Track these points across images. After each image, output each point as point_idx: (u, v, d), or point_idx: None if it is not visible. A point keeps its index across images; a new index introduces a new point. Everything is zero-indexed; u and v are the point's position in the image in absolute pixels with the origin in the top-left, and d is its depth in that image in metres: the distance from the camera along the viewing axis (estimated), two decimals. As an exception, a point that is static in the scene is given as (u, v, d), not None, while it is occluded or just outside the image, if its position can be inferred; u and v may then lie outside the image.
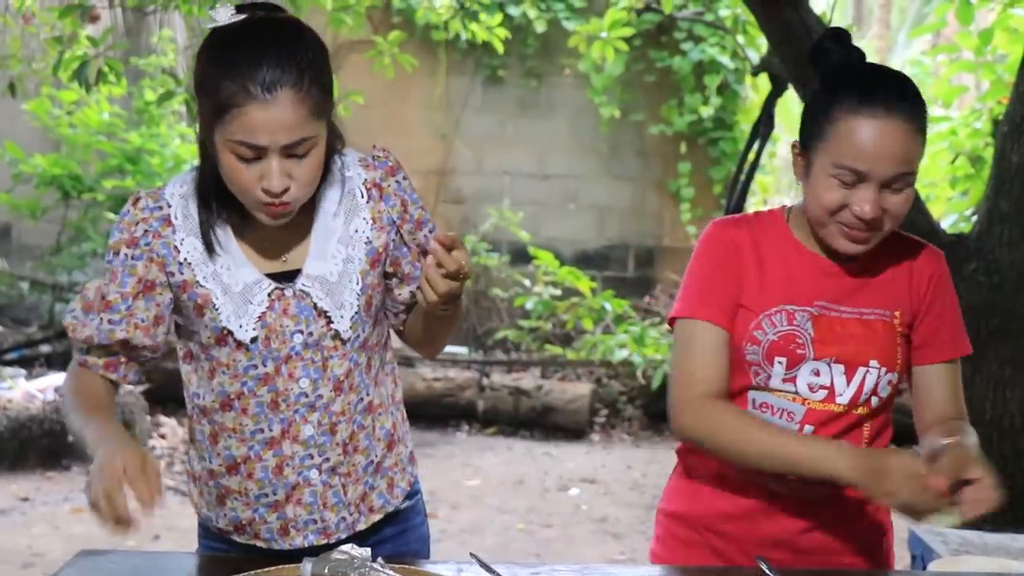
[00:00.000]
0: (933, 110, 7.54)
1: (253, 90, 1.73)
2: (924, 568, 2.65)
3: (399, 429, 2.07)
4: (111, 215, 7.79)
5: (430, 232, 2.00)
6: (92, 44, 4.80)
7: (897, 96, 1.90)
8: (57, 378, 6.76)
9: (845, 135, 1.89)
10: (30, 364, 7.44)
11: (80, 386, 1.95)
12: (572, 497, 6.14)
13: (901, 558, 4.32)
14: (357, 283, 1.92)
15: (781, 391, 1.99)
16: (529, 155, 9.20)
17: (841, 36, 2.01)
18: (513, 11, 8.68)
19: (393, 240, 1.96)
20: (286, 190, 1.78)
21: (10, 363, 7.38)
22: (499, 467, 6.68)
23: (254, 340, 1.88)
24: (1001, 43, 5.85)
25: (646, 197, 9.05)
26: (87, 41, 4.86)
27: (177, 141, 8.31)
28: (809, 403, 1.99)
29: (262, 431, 1.92)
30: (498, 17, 6.99)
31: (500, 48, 6.67)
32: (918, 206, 3.90)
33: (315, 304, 1.89)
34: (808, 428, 1.99)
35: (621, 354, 7.73)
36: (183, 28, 8.13)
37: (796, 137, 2.00)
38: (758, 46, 8.19)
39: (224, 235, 1.90)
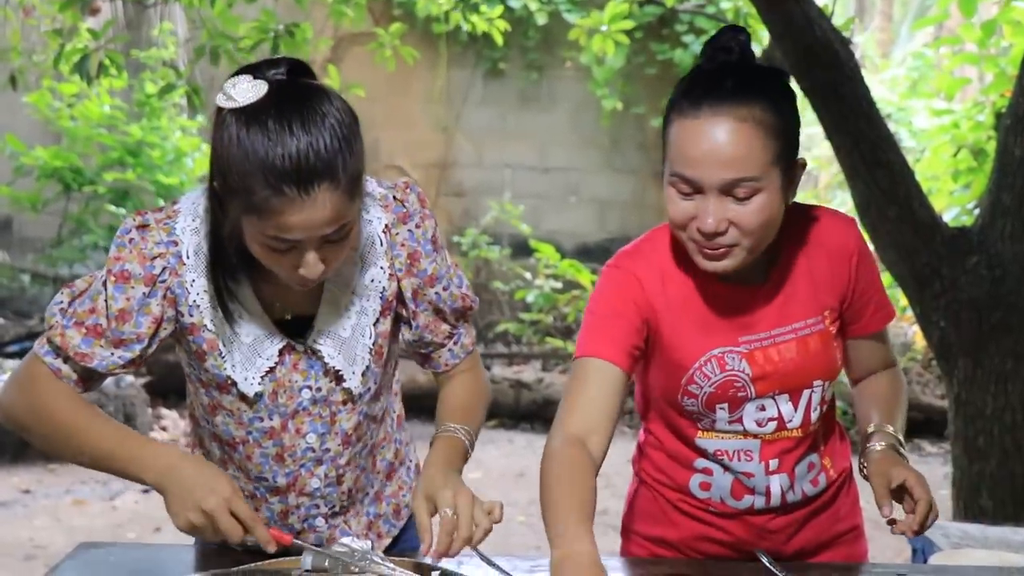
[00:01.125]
0: (935, 103, 7.54)
1: (289, 192, 1.56)
2: (925, 561, 2.65)
3: (400, 454, 2.03)
4: (112, 208, 7.78)
5: (443, 290, 1.87)
6: (93, 37, 4.80)
7: (730, 93, 1.70)
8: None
9: (674, 140, 1.73)
10: (31, 357, 7.44)
11: (60, 401, 1.76)
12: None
13: (901, 551, 4.33)
14: (370, 336, 1.82)
15: (730, 432, 1.92)
16: (530, 148, 9.19)
17: (728, 36, 1.78)
18: (514, 3, 8.66)
19: (401, 291, 1.86)
20: (322, 273, 1.67)
21: (11, 355, 7.38)
22: (500, 460, 6.68)
23: (259, 395, 1.81)
24: (1005, 35, 5.83)
25: (647, 190, 9.04)
26: (88, 34, 4.86)
27: (178, 134, 8.30)
28: (761, 436, 1.92)
29: (266, 480, 1.89)
30: (498, 9, 6.97)
31: (500, 40, 6.66)
32: (920, 199, 3.89)
33: (325, 364, 1.81)
34: (773, 462, 1.92)
35: (622, 347, 7.72)
36: (184, 21, 8.12)
37: None
38: (760, 38, 8.15)
39: (238, 284, 1.77)
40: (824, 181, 9.01)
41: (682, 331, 1.86)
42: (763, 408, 1.89)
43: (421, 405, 4.31)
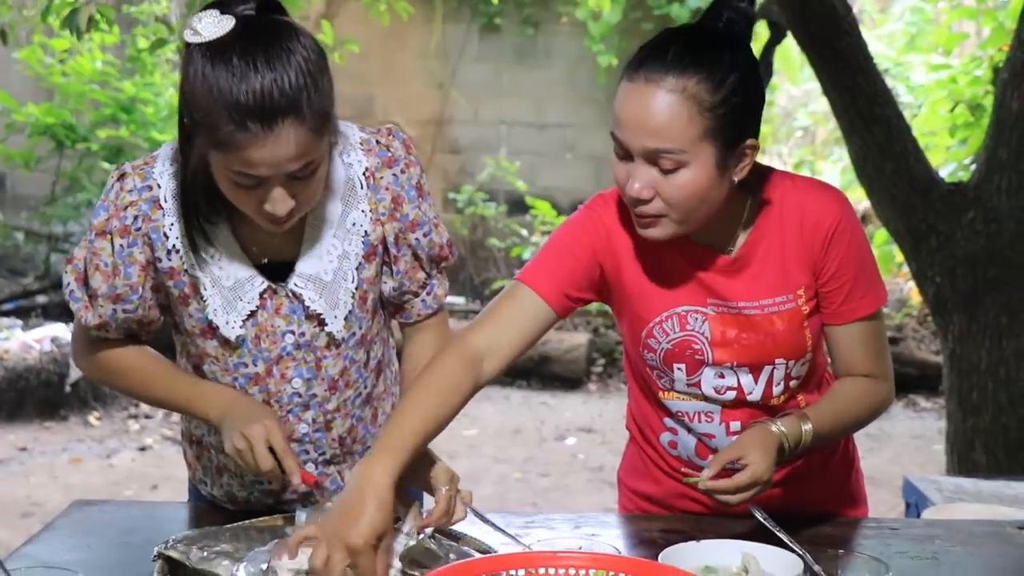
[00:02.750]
0: (932, 58, 7.50)
1: (252, 127, 1.57)
2: (918, 515, 2.67)
3: None
4: (106, 164, 7.74)
5: (423, 236, 1.87)
6: (83, -10, 4.74)
7: (669, 63, 1.68)
8: (54, 328, 6.76)
9: (615, 101, 1.74)
10: (26, 315, 7.43)
11: (129, 360, 1.86)
12: (569, 446, 6.17)
13: (895, 506, 4.36)
14: (352, 280, 1.83)
15: (689, 395, 1.91)
16: (526, 104, 9.14)
17: (730, 5, 1.76)
18: (510, -42, 8.59)
19: (385, 236, 1.86)
20: (291, 211, 1.67)
21: (6, 314, 7.38)
22: (496, 417, 6.70)
23: (241, 338, 1.81)
24: (1002, -11, 5.79)
25: (643, 146, 9.00)
26: (78, -12, 4.80)
27: (171, 90, 8.23)
28: (722, 404, 1.90)
29: None
30: (494, -37, 6.91)
31: (496, -6, 6.60)
32: (917, 155, 3.88)
33: (307, 307, 1.81)
34: (734, 424, 1.90)
35: (618, 304, 7.72)
36: (176, -25, 8.04)
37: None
38: (757, -7, 8.10)
39: (217, 226, 1.78)
40: (821, 137, 8.97)
41: (646, 284, 1.86)
42: (722, 376, 1.88)
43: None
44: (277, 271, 1.81)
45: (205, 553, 1.61)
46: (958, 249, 3.82)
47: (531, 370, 7.44)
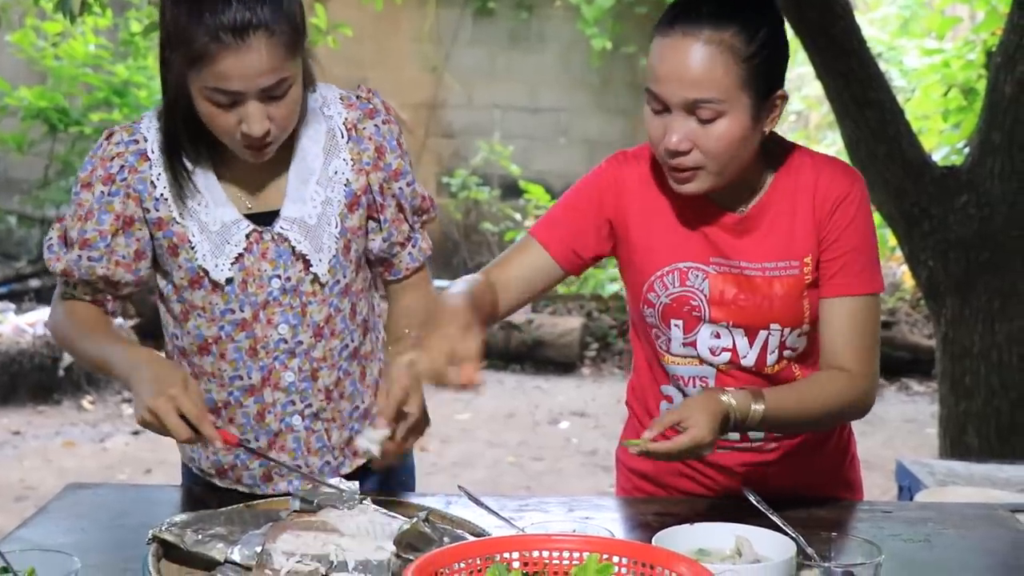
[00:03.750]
0: (926, 42, 7.49)
1: (224, 37, 1.66)
2: (911, 499, 2.68)
3: None
4: (98, 149, 7.72)
5: (406, 186, 1.93)
6: (75, -26, 4.71)
7: (704, 16, 1.73)
8: (46, 312, 6.74)
9: (650, 57, 1.78)
10: (19, 298, 7.42)
11: (78, 314, 1.91)
12: (562, 430, 6.18)
13: (888, 489, 4.37)
14: (336, 226, 1.88)
15: (685, 356, 1.92)
16: (520, 88, 9.12)
17: None
18: (503, -59, 8.56)
19: (370, 184, 1.92)
20: (267, 132, 1.74)
21: (0, 297, 7.37)
22: (490, 401, 6.71)
23: (230, 281, 1.85)
24: (996, -27, 5.79)
25: (637, 131, 8.99)
26: (70, -29, 4.78)
27: (164, 74, 8.21)
28: (717, 367, 1.91)
29: (241, 378, 1.90)
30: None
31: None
32: (910, 139, 3.88)
33: (293, 248, 1.85)
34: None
35: (612, 288, 7.73)
36: (168, -42, 7.99)
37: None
38: (751, -23, 8.10)
39: (202, 173, 1.85)
40: (815, 121, 8.96)
41: (652, 237, 1.89)
42: (718, 336, 1.89)
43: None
44: (262, 220, 1.87)
45: (200, 536, 1.61)
46: (951, 233, 3.83)
47: (524, 354, 7.44)
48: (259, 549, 1.57)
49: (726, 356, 1.90)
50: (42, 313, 6.71)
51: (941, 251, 3.86)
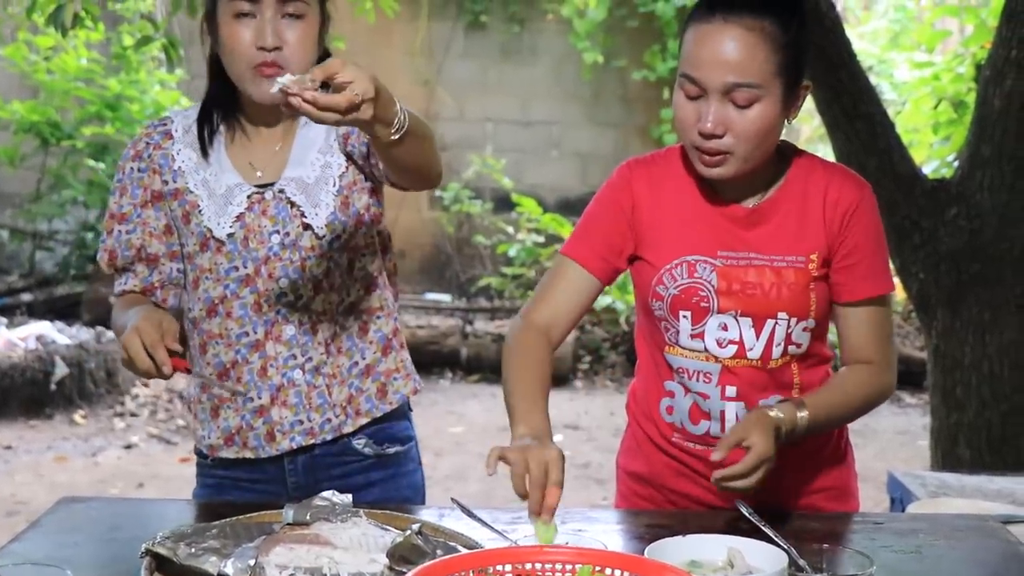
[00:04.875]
0: (916, 55, 7.52)
1: None
2: (903, 510, 2.68)
3: (399, 336, 2.11)
4: (91, 162, 7.72)
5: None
6: (68, -12, 4.72)
7: (742, 5, 1.81)
8: (39, 326, 6.74)
9: (686, 44, 1.86)
10: (11, 312, 7.41)
11: (124, 302, 2.04)
12: (555, 443, 6.17)
13: (880, 501, 4.38)
14: (334, 185, 1.99)
15: (692, 350, 1.95)
16: (512, 102, 9.14)
17: None
18: (495, -45, 8.59)
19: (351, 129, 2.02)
20: (278, 48, 1.89)
21: (-8, 311, 7.35)
22: (483, 414, 6.71)
23: (231, 237, 1.97)
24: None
25: (629, 143, 9.01)
26: (63, -15, 4.78)
27: (156, 87, 8.22)
28: (723, 361, 1.94)
29: (247, 334, 2.00)
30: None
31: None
32: (900, 152, 3.89)
33: (292, 203, 1.97)
34: (730, 389, 1.95)
35: (604, 300, 7.73)
36: (161, -28, 8.01)
37: None
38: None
39: (217, 144, 2.03)
40: (806, 134, 8.99)
41: (661, 233, 1.96)
42: (725, 327, 1.93)
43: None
44: (266, 188, 2.01)
45: (193, 549, 1.61)
46: (941, 245, 3.84)
47: (517, 367, 7.43)
48: (252, 562, 1.57)
49: (732, 349, 1.94)
50: (34, 327, 6.70)
51: (932, 263, 3.87)
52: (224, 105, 2.02)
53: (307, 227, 1.98)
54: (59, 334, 6.64)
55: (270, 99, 1.82)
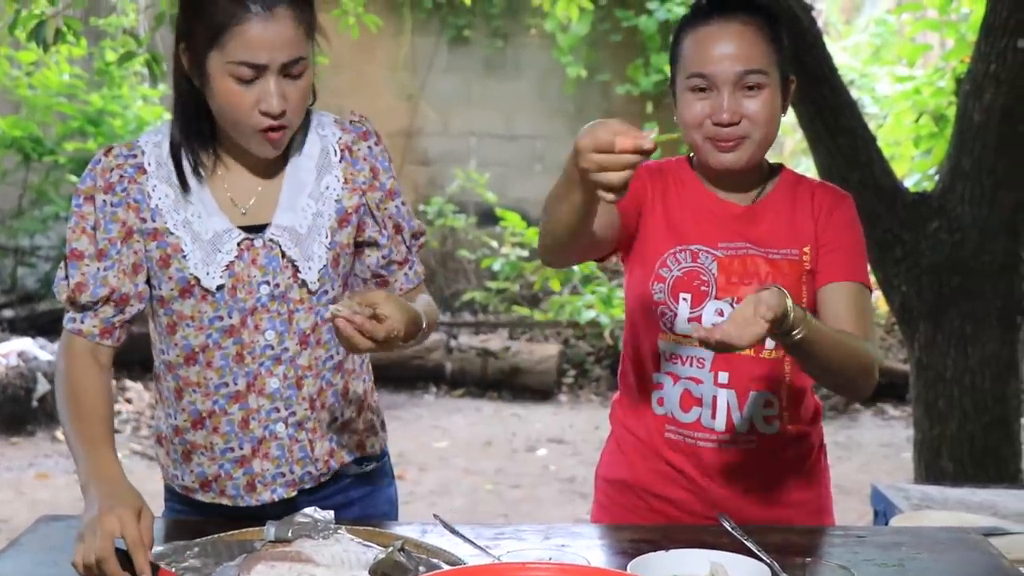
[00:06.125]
0: (897, 69, 7.56)
1: (254, 7, 1.74)
2: (886, 523, 2.69)
3: (370, 397, 2.05)
4: (73, 177, 7.69)
5: (401, 205, 1.99)
6: (50, 3, 4.71)
7: (734, 7, 1.98)
8: (21, 343, 6.71)
9: (689, 48, 1.99)
10: (-8, 329, 7.37)
11: (76, 388, 1.86)
12: (540, 458, 6.17)
13: (865, 514, 4.38)
14: (326, 237, 1.92)
15: (687, 335, 2.00)
16: (495, 116, 9.16)
17: None
18: (478, -30, 8.61)
19: (362, 205, 1.96)
20: (283, 113, 1.79)
21: (-28, 328, 7.31)
22: (467, 428, 6.70)
23: (220, 288, 1.87)
24: (964, 1, 5.86)
25: (613, 157, 9.03)
26: (44, 0, 4.78)
27: (139, 103, 8.20)
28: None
29: (227, 385, 1.91)
30: (463, -26, 6.92)
31: (467, 0, 6.61)
32: (882, 165, 3.91)
33: (283, 253, 1.89)
34: (722, 375, 2.01)
35: (588, 315, 7.74)
36: (143, -12, 8.00)
37: None
38: (724, 5, 8.16)
39: (197, 183, 1.89)
40: (789, 147, 9.03)
41: (667, 223, 2.05)
42: (721, 313, 1.99)
43: (387, 375, 4.31)
44: (254, 232, 1.90)
45: (174, 569, 1.60)
46: (923, 258, 3.86)
47: (502, 381, 7.44)
48: (234, 580, 1.56)
49: None
50: (15, 344, 6.66)
51: (914, 276, 3.89)
52: (200, 137, 1.89)
53: (297, 277, 1.90)
54: (41, 351, 6.60)
55: (272, 155, 1.86)
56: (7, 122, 7.71)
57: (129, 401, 6.75)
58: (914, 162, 6.32)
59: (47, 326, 7.48)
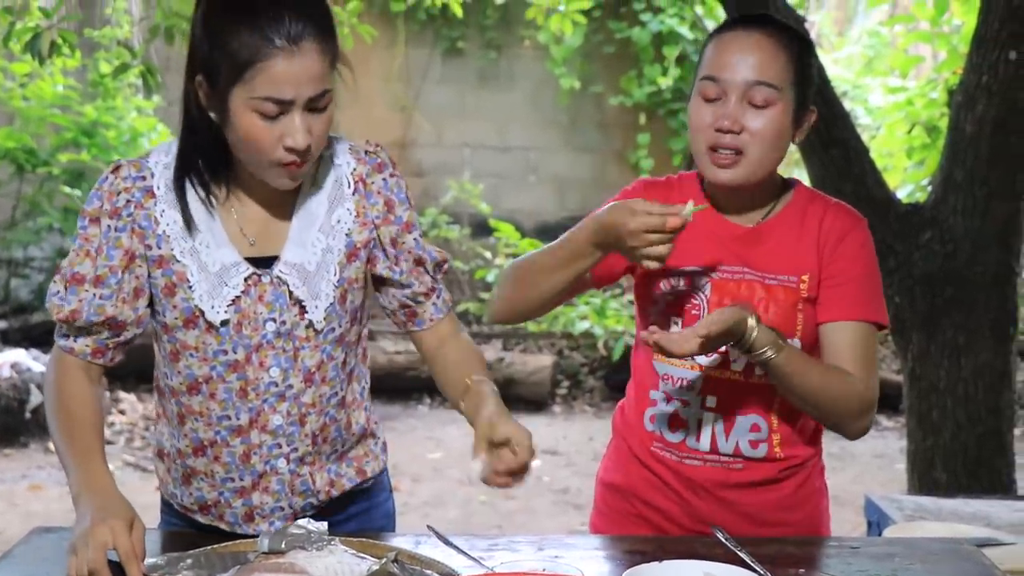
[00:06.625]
0: (890, 80, 7.59)
1: (279, 42, 1.68)
2: (880, 534, 2.69)
3: (371, 424, 2.03)
4: (67, 189, 7.70)
5: (420, 237, 1.96)
6: (45, 15, 4.72)
7: (760, 22, 1.98)
8: (14, 354, 6.70)
9: (708, 53, 1.99)
10: (-14, 341, 7.36)
11: (66, 399, 1.85)
12: (534, 468, 6.14)
13: (859, 525, 4.38)
14: (335, 274, 1.87)
15: (680, 358, 1.97)
16: (489, 127, 9.18)
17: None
18: (472, -18, 8.62)
19: (373, 239, 1.92)
20: (308, 148, 1.74)
21: (-34, 339, 7.30)
22: (461, 439, 6.69)
23: (225, 323, 1.83)
24: (956, 13, 5.88)
25: (606, 168, 9.05)
26: (39, 12, 4.78)
27: (134, 114, 8.21)
28: (706, 370, 2.00)
29: (229, 418, 1.88)
30: (457, -14, 6.92)
31: (459, 11, 6.63)
32: (875, 177, 3.92)
33: (291, 292, 1.84)
34: (710, 399, 2.01)
35: (582, 326, 7.74)
36: (138, -1, 8.02)
37: None
38: (716, 16, 8.20)
39: (206, 213, 1.84)
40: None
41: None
42: None
43: (381, 386, 4.30)
44: (262, 264, 1.86)
45: (167, 580, 1.60)
46: (916, 269, 3.87)
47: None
48: (227, 592, 1.56)
49: (717, 358, 1.99)
50: (9, 355, 6.65)
51: (907, 287, 3.89)
52: (212, 168, 1.83)
53: (304, 316, 1.86)
54: (34, 362, 6.59)
55: (289, 187, 1.82)
56: (1, 133, 7.71)
57: (122, 412, 6.74)
58: (907, 173, 6.34)
59: (40, 338, 7.47)
